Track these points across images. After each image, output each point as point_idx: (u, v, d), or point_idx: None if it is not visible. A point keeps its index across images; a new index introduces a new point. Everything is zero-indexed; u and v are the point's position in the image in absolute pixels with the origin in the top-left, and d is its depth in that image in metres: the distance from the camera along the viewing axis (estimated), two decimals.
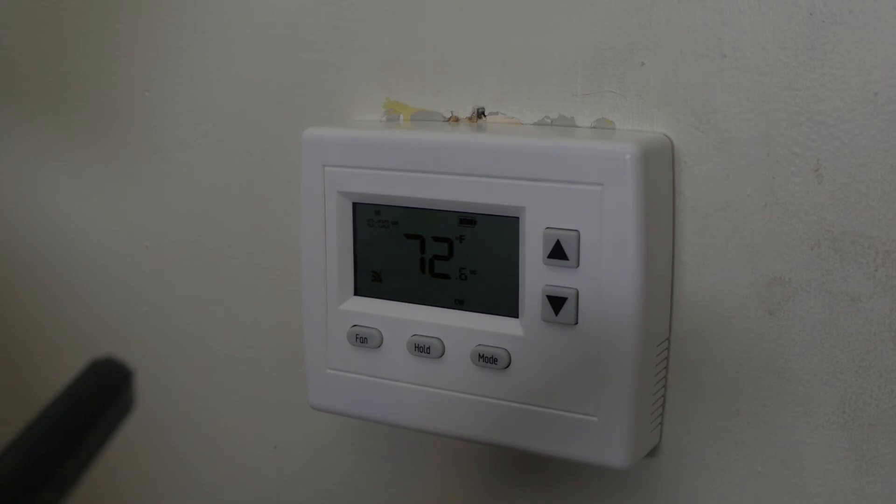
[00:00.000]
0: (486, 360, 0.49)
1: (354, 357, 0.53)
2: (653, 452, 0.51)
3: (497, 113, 0.52)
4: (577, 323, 0.47)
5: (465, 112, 0.53)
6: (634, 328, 0.46)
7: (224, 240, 0.63)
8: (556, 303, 0.47)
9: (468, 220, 0.49)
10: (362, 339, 0.52)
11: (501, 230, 0.48)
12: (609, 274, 0.46)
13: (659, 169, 0.47)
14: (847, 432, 0.47)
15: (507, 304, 0.49)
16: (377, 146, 0.50)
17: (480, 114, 0.53)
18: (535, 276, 0.47)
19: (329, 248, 0.53)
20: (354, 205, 0.52)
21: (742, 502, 0.50)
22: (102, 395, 0.29)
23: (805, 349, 0.47)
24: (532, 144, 0.47)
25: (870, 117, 0.44)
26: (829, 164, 0.45)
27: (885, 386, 0.46)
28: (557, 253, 0.47)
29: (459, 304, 0.50)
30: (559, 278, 0.47)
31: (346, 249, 0.52)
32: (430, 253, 0.51)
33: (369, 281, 0.52)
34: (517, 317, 0.49)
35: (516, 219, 0.48)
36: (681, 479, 0.52)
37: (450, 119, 0.54)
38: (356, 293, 0.53)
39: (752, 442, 0.49)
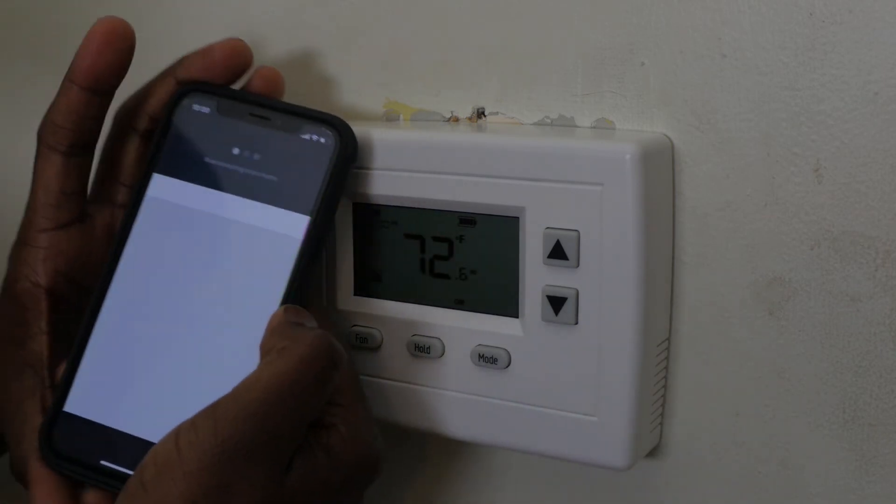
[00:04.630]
0: (486, 360, 0.49)
1: (354, 357, 0.53)
2: (653, 452, 0.51)
3: (497, 113, 0.52)
4: (577, 323, 0.47)
5: (465, 112, 0.53)
6: (634, 328, 0.46)
7: None
8: (556, 303, 0.47)
9: (468, 220, 0.49)
10: (362, 339, 0.52)
11: (501, 230, 0.48)
12: (609, 274, 0.46)
13: (659, 169, 0.47)
14: (847, 432, 0.47)
15: (507, 304, 0.49)
16: (377, 146, 0.50)
17: (480, 114, 0.53)
18: (535, 276, 0.47)
19: (329, 248, 0.52)
20: (354, 205, 0.52)
21: (742, 502, 0.50)
22: None
23: (805, 349, 0.47)
24: (532, 144, 0.47)
25: (870, 117, 0.44)
26: (829, 164, 0.45)
27: (885, 386, 0.46)
28: (557, 253, 0.46)
29: (459, 304, 0.50)
30: (559, 278, 0.47)
31: (346, 249, 0.52)
32: (430, 253, 0.51)
33: (369, 281, 0.52)
34: (517, 317, 0.49)
35: (516, 219, 0.48)
36: (681, 479, 0.52)
37: (450, 119, 0.54)
38: (356, 293, 0.53)
39: (752, 442, 0.49)
